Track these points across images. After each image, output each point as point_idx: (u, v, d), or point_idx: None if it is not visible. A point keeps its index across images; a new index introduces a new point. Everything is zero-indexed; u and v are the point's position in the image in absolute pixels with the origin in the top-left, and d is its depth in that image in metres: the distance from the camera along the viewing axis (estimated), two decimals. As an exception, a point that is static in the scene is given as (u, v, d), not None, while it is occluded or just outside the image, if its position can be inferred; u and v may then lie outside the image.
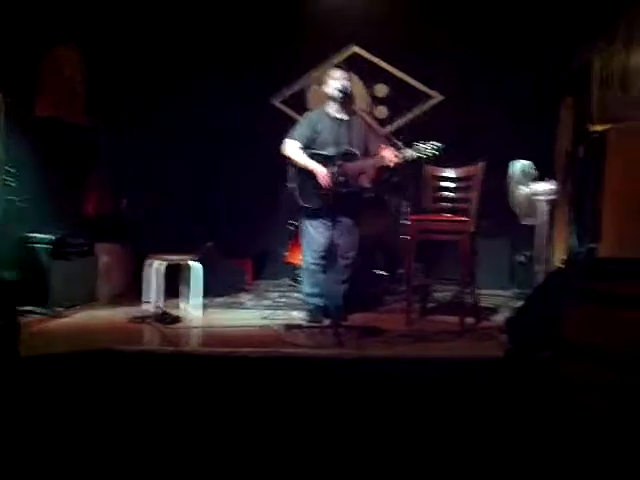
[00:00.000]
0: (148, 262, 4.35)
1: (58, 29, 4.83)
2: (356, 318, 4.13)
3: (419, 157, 3.80)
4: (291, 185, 4.10)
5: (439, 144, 3.76)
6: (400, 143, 3.93)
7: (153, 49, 5.63)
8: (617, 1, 4.19)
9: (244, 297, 5.09)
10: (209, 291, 4.74)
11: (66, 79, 4.98)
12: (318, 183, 3.95)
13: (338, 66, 4.23)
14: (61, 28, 4.86)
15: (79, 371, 3.01)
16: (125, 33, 5.43)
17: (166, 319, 4.01)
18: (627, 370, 1.94)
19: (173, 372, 3.11)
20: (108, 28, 5.28)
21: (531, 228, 4.67)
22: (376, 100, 5.93)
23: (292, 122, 4.40)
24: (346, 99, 3.95)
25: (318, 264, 4.10)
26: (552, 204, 4.52)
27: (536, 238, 4.60)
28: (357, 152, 3.97)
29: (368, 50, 5.88)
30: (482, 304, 4.31)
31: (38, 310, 4.19)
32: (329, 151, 3.99)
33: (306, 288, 4.21)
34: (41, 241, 4.37)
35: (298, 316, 4.25)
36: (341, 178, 3.89)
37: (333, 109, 4.07)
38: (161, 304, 4.24)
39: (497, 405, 2.77)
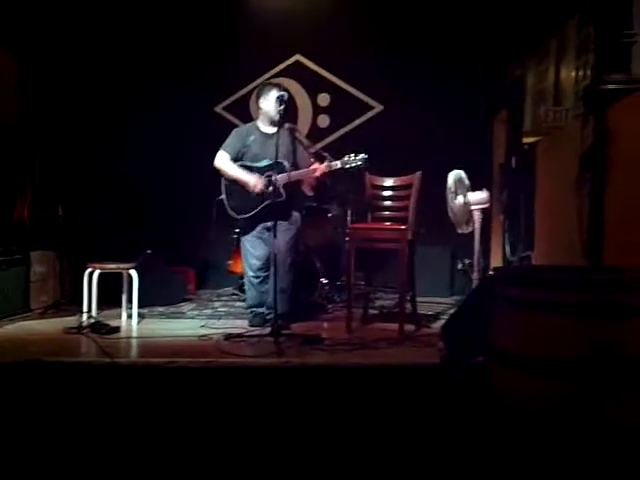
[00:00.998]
0: (87, 271, 4.22)
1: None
2: (298, 326, 4.13)
3: (344, 167, 3.98)
4: (222, 197, 4.17)
5: (364, 155, 3.94)
6: (327, 155, 4.04)
7: (92, 51, 5.52)
8: (550, 16, 4.36)
9: (186, 307, 5.02)
10: (150, 300, 4.66)
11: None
12: (248, 195, 4.02)
13: (275, 84, 4.23)
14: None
15: (6, 383, 2.89)
16: (65, 34, 5.32)
17: (102, 330, 3.91)
18: (546, 375, 2.01)
19: (108, 384, 3.03)
20: (45, 29, 5.15)
21: (471, 237, 4.79)
22: (319, 109, 5.99)
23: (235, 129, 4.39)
24: (280, 118, 4.01)
25: (258, 276, 4.19)
26: (486, 213, 4.65)
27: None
28: (286, 163, 4.03)
29: (311, 59, 5.95)
30: (423, 311, 4.39)
31: (-34, 321, 4.03)
32: (258, 164, 4.07)
33: (248, 300, 4.30)
34: (-33, 249, 4.21)
35: (240, 325, 4.22)
36: (270, 189, 3.94)
37: (263, 123, 4.15)
38: (95, 314, 4.12)
39: (433, 412, 2.82)
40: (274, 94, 4.04)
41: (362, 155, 3.95)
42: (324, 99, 5.98)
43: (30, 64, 5.08)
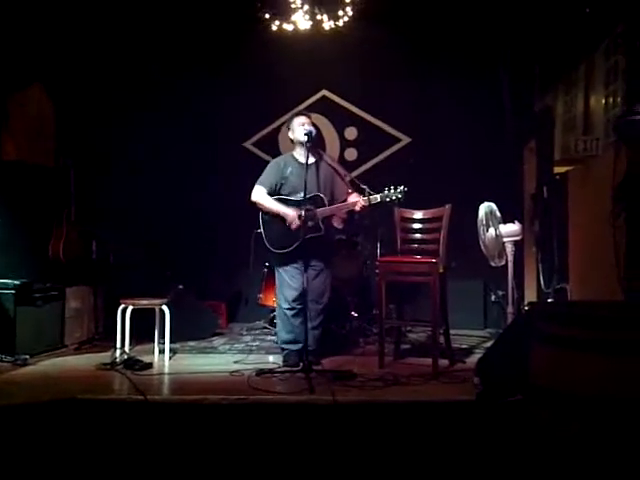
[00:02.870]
0: (120, 307, 4.25)
1: (22, 71, 4.82)
2: (329, 361, 4.10)
3: (384, 201, 3.94)
4: (260, 230, 4.14)
5: (403, 188, 3.91)
6: (366, 187, 4.00)
7: (121, 88, 5.62)
8: (577, 44, 4.34)
9: (217, 341, 5.02)
10: (182, 335, 4.68)
11: (33, 121, 4.94)
12: (286, 228, 4.00)
13: (303, 113, 4.27)
14: (25, 70, 4.85)
15: (41, 422, 2.92)
16: (97, 70, 5.44)
17: (135, 366, 3.92)
18: (589, 415, 1.94)
19: (140, 421, 3.04)
20: (78, 66, 5.28)
21: (504, 268, 4.73)
22: (346, 143, 6.03)
23: (265, 165, 4.39)
24: (312, 144, 4.00)
25: (292, 308, 4.09)
26: (518, 245, 4.59)
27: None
28: (324, 197, 4.03)
29: (337, 94, 6.01)
30: (456, 345, 4.31)
31: (3, 358, 4.08)
32: (297, 196, 4.03)
33: (281, 335, 4.17)
34: (5, 287, 4.28)
35: (272, 360, 4.20)
36: (310, 223, 3.93)
37: (299, 154, 4.14)
38: (128, 350, 4.15)
39: (469, 450, 2.75)
40: (298, 122, 4.08)
41: (401, 188, 3.92)
42: (351, 133, 6.02)
43: (63, 104, 5.23)
